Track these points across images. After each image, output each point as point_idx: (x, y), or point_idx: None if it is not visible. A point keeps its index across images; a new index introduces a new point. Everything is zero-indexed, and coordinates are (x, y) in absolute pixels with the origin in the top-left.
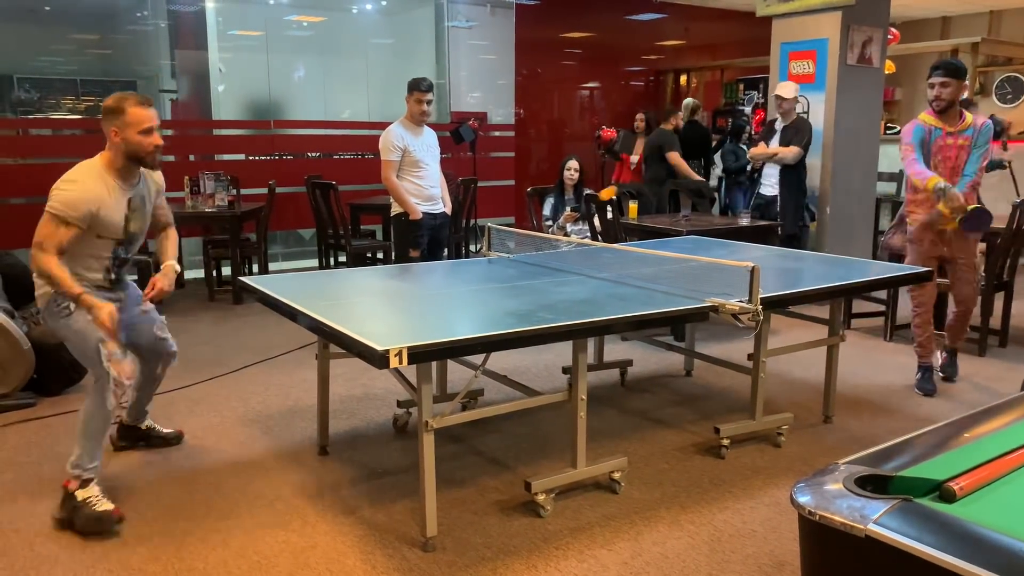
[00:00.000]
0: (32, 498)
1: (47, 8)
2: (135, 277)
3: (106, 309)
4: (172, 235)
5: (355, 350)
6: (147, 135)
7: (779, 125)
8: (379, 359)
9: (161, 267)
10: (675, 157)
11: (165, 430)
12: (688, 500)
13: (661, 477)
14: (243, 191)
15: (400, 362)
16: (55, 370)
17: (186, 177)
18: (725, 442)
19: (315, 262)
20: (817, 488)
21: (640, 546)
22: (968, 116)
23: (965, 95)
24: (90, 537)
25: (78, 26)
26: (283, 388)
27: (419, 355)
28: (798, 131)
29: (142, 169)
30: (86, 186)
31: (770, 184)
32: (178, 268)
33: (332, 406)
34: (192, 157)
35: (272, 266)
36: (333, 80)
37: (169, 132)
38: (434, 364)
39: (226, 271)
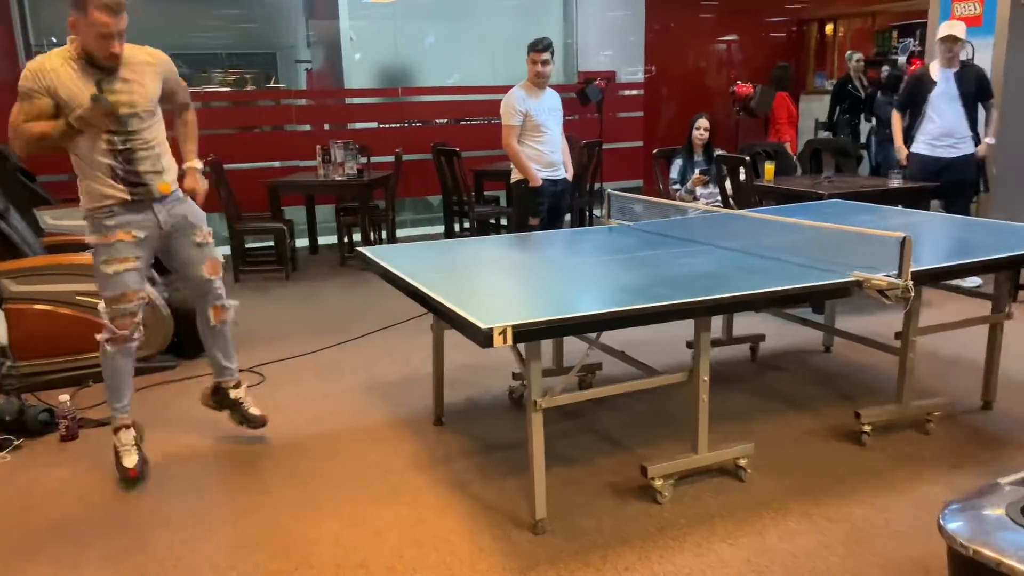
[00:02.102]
0: (165, 460)
1: None
2: (180, 195)
3: (89, 109)
4: (189, 119)
5: (459, 326)
6: (104, 40)
7: (939, 74)
8: (483, 337)
9: (183, 169)
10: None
11: (252, 409)
12: (822, 492)
13: (792, 465)
14: (373, 159)
15: (504, 341)
16: (193, 335)
17: (318, 146)
18: (866, 428)
19: (442, 228)
20: (973, 513)
21: (765, 542)
22: None
23: None
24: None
25: (223, 2)
26: (404, 355)
27: (524, 334)
28: (980, 84)
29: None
30: (44, 59)
31: (952, 144)
32: (199, 165)
33: (450, 375)
34: (327, 126)
35: (400, 232)
36: (459, 45)
37: (302, 102)
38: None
39: (357, 237)
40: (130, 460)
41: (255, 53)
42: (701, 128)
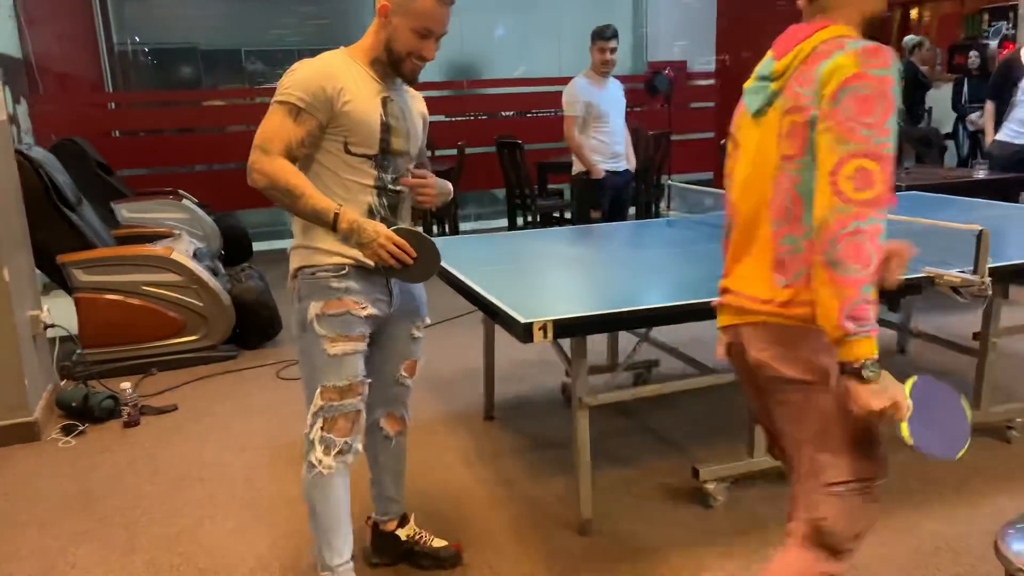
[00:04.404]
0: (219, 449)
1: None
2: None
3: (383, 233)
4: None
5: (500, 320)
6: (422, 39)
7: None
8: (522, 332)
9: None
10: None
11: (435, 542)
12: (888, 501)
13: None
14: (439, 152)
15: (545, 336)
16: (254, 325)
17: None
18: None
19: (506, 222)
20: None
21: None
22: None
23: None
24: None
25: (299, 0)
26: (460, 349)
27: (566, 329)
28: None
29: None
30: (324, 62)
31: None
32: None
33: (502, 369)
34: None
35: (464, 226)
36: (526, 36)
37: None
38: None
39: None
40: None
41: (328, 48)
42: None
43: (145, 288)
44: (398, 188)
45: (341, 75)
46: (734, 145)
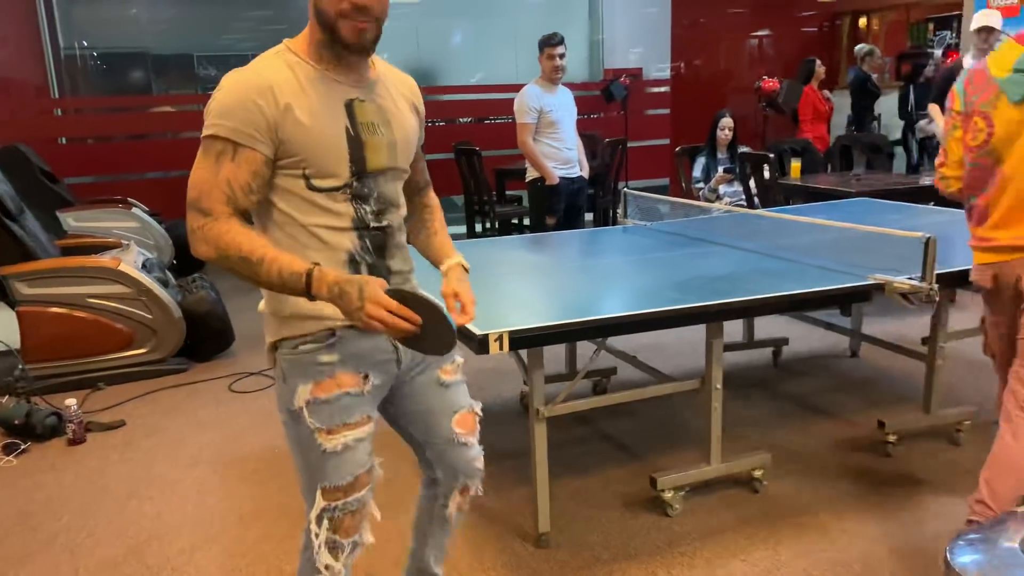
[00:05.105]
0: (169, 466)
1: None
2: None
3: (369, 297)
4: (434, 204)
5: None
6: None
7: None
8: (478, 344)
9: (442, 271)
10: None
11: None
12: (843, 506)
13: (812, 476)
14: None
15: (501, 348)
16: (206, 337)
17: None
18: (892, 438)
19: (464, 228)
20: (984, 547)
21: (780, 558)
22: None
23: None
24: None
25: (251, 3)
26: None
27: (522, 340)
28: None
29: (378, 65)
30: (255, 71)
31: None
32: (467, 264)
33: None
34: None
35: None
36: (483, 43)
37: None
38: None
39: None
40: None
41: None
42: (725, 128)
43: (91, 300)
44: (384, 223)
45: (281, 83)
46: (985, 123)
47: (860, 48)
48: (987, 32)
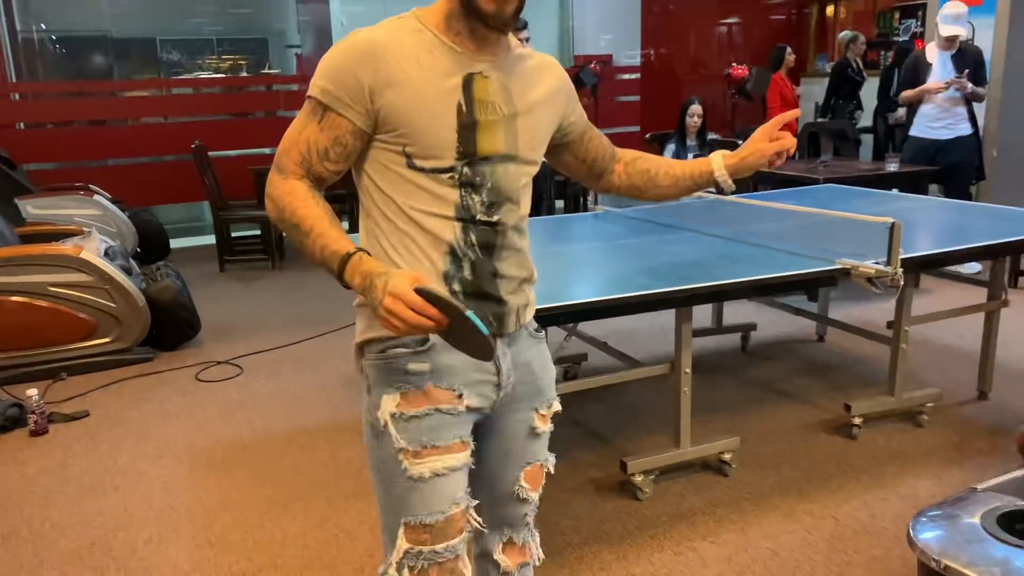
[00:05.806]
0: (134, 457)
1: None
2: (534, 329)
3: (391, 289)
4: (637, 153)
5: None
6: None
7: (936, 57)
8: None
9: (724, 163)
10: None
11: None
12: (809, 487)
13: (780, 459)
14: None
15: None
16: (171, 326)
17: None
18: (857, 421)
19: None
20: (946, 523)
21: (747, 539)
22: None
23: None
24: (169, 509)
25: None
26: None
27: None
28: (978, 63)
29: (516, 42)
30: (367, 36)
31: (947, 125)
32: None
33: None
34: None
35: None
36: None
37: (295, 87)
38: None
39: (345, 225)
40: None
41: (247, 39)
42: (695, 115)
43: (52, 289)
44: (495, 218)
45: (393, 48)
46: None
47: (844, 35)
48: (954, 38)
